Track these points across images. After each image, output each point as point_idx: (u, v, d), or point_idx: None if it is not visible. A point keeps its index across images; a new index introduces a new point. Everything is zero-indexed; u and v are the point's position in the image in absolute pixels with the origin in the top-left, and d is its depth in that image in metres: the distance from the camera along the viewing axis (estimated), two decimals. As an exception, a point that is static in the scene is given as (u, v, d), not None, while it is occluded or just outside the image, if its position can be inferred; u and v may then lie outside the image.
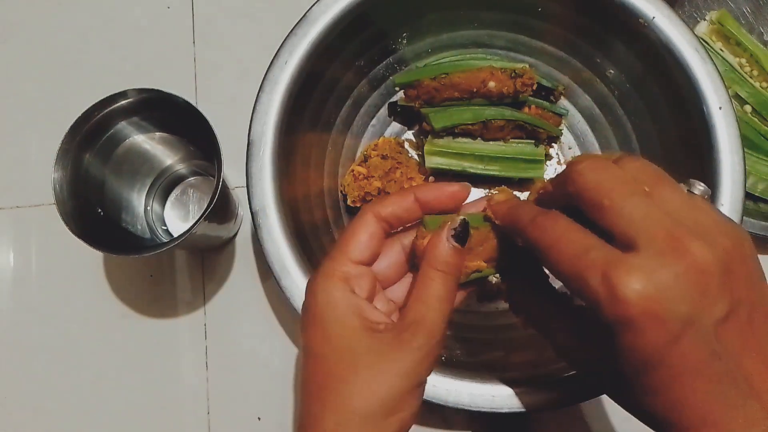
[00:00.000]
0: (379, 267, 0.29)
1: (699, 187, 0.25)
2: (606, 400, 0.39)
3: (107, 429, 0.49)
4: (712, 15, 0.54)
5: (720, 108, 0.41)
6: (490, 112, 0.47)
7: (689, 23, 0.50)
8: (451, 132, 0.48)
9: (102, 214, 0.43)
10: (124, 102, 0.41)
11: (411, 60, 0.51)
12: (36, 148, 0.54)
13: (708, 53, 0.42)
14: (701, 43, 0.42)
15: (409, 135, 0.53)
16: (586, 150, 0.52)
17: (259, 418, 0.49)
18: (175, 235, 0.49)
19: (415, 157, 0.52)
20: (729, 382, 0.21)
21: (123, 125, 0.43)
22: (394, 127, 0.53)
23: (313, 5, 0.43)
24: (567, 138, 0.52)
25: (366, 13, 0.44)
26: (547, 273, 0.29)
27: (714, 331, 0.21)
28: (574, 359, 0.28)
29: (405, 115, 0.52)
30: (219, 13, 0.56)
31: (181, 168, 0.51)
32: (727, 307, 0.21)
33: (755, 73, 0.54)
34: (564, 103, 0.52)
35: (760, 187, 0.51)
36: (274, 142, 0.42)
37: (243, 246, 0.52)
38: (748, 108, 0.53)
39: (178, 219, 0.51)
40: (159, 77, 0.55)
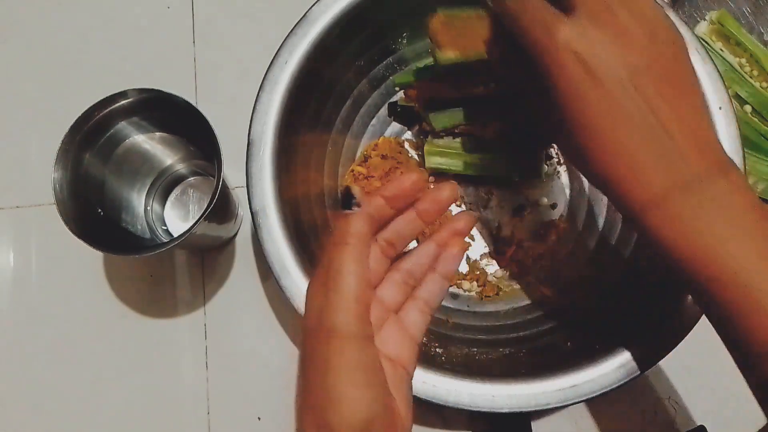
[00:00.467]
0: None
1: None
2: (606, 400, 0.39)
3: (107, 429, 0.49)
4: (712, 15, 0.54)
5: (720, 108, 0.41)
6: (490, 112, 0.47)
7: (689, 23, 0.50)
8: (451, 132, 0.48)
9: (102, 214, 0.43)
10: (124, 102, 0.41)
11: (411, 60, 0.51)
12: (36, 148, 0.54)
13: (708, 53, 0.42)
14: (701, 43, 0.42)
15: (409, 135, 0.53)
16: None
17: (259, 418, 0.49)
18: (175, 235, 0.49)
19: (415, 157, 0.52)
20: (647, 129, 0.26)
21: (123, 125, 0.43)
22: (394, 127, 0.53)
23: (313, 5, 0.43)
24: (567, 138, 0.52)
25: (366, 12, 0.44)
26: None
27: (631, 78, 0.27)
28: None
29: (405, 115, 0.52)
30: (219, 13, 0.56)
31: (181, 168, 0.51)
32: (644, 62, 0.27)
33: (755, 73, 0.54)
34: (564, 103, 0.52)
35: (760, 187, 0.51)
36: (274, 142, 0.42)
37: (243, 246, 0.52)
38: (748, 108, 0.53)
39: (178, 219, 0.51)
40: (159, 77, 0.55)
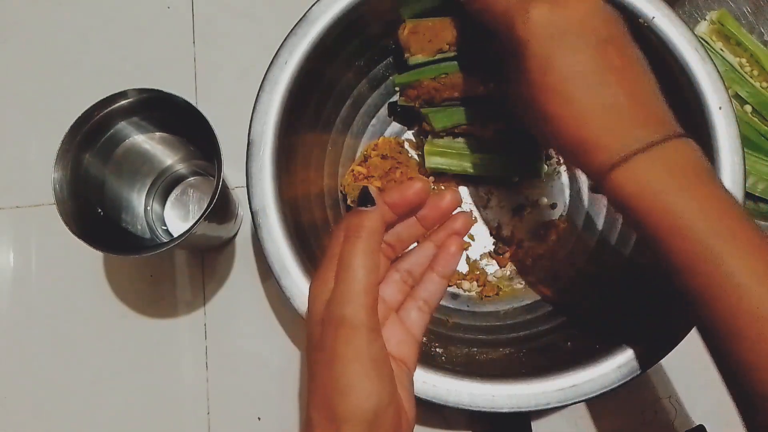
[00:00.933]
0: None
1: None
2: (606, 400, 0.39)
3: (107, 429, 0.49)
4: (713, 15, 0.54)
5: (720, 108, 0.41)
6: (490, 112, 0.47)
7: (689, 23, 0.50)
8: (451, 132, 0.48)
9: (102, 214, 0.43)
10: (124, 102, 0.41)
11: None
12: (36, 148, 0.54)
13: (708, 53, 0.42)
14: (701, 42, 0.42)
15: (409, 135, 0.53)
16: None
17: (259, 418, 0.49)
18: (175, 235, 0.49)
19: (415, 157, 0.52)
20: (611, 97, 0.29)
21: (123, 125, 0.43)
22: (394, 127, 0.53)
23: (313, 5, 0.43)
24: (567, 138, 0.52)
25: (366, 12, 0.44)
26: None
27: (596, 45, 0.29)
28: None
29: (405, 115, 0.52)
30: (219, 13, 0.56)
31: (181, 168, 0.51)
32: (606, 34, 0.30)
33: (755, 72, 0.54)
34: (564, 103, 0.52)
35: (760, 187, 0.51)
36: (274, 142, 0.42)
37: (243, 246, 0.52)
38: (748, 108, 0.53)
39: (178, 219, 0.51)
40: (159, 77, 0.55)
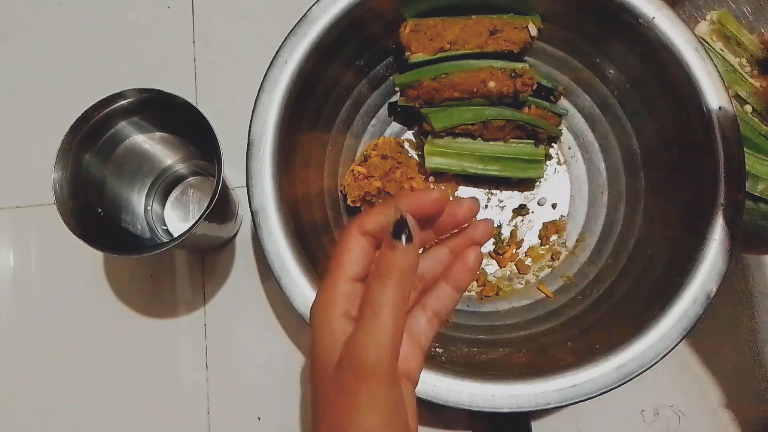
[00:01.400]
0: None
1: None
2: (606, 399, 0.39)
3: (107, 429, 0.49)
4: (713, 15, 0.54)
5: (720, 108, 0.41)
6: (490, 112, 0.47)
7: (689, 23, 0.50)
8: (451, 132, 0.48)
9: (102, 214, 0.43)
10: (124, 102, 0.41)
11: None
12: (36, 148, 0.54)
13: (708, 53, 0.42)
14: (701, 43, 0.42)
15: (409, 135, 0.53)
16: (586, 150, 0.52)
17: (259, 418, 0.49)
18: (175, 235, 0.49)
19: (415, 157, 0.52)
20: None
21: (123, 125, 0.43)
22: (394, 127, 0.53)
23: (313, 5, 0.43)
24: (567, 138, 0.52)
25: (366, 12, 0.44)
26: None
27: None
28: None
29: (405, 115, 0.52)
30: (219, 13, 0.56)
31: (181, 168, 0.51)
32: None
33: (755, 73, 0.54)
34: (564, 103, 0.52)
35: (760, 187, 0.51)
36: (274, 141, 0.42)
37: (243, 246, 0.52)
38: (748, 108, 0.53)
39: (178, 219, 0.51)
40: (159, 77, 0.55)
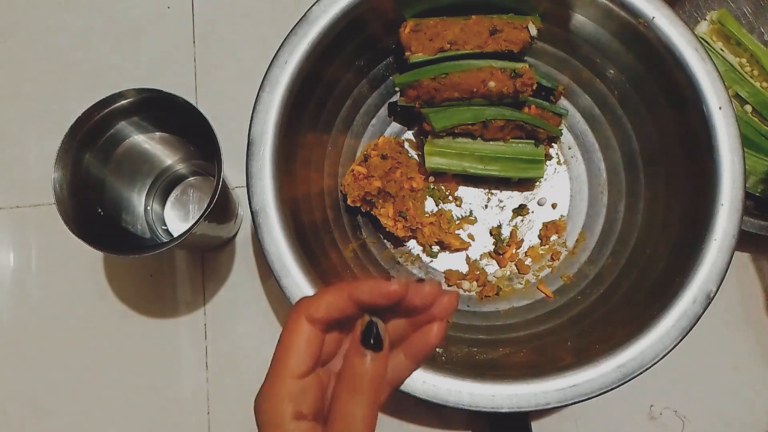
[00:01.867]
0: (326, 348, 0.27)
1: None
2: (606, 399, 0.39)
3: (107, 429, 0.49)
4: (713, 15, 0.54)
5: (720, 108, 0.41)
6: (490, 112, 0.47)
7: (689, 23, 0.50)
8: (451, 132, 0.48)
9: (102, 214, 0.43)
10: (124, 102, 0.41)
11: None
12: (36, 148, 0.54)
13: (708, 53, 0.42)
14: (701, 42, 0.42)
15: (409, 135, 0.53)
16: (586, 149, 0.52)
17: (259, 418, 0.49)
18: (175, 235, 0.49)
19: (415, 157, 0.52)
20: None
21: (123, 125, 0.43)
22: (394, 127, 0.53)
23: (313, 5, 0.43)
24: (567, 138, 0.52)
25: (366, 12, 0.44)
26: None
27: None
28: None
29: (405, 115, 0.52)
30: (219, 13, 0.56)
31: (181, 168, 0.51)
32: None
33: (755, 72, 0.53)
34: (564, 103, 0.52)
35: (760, 187, 0.51)
36: (274, 141, 0.42)
37: (243, 246, 0.52)
38: (748, 108, 0.53)
39: (178, 219, 0.51)
40: (159, 77, 0.55)
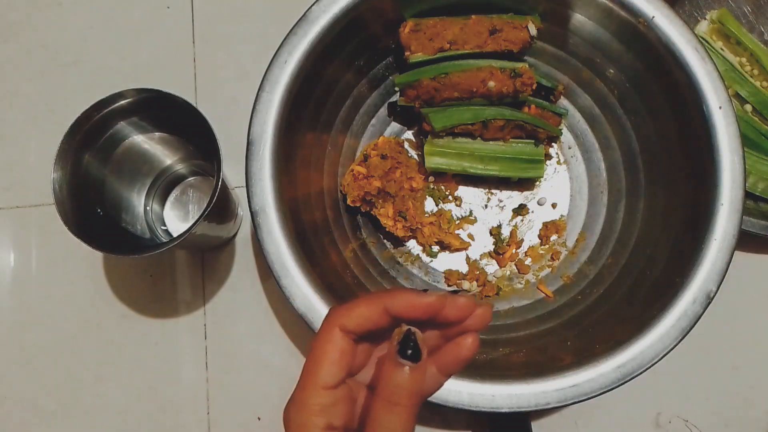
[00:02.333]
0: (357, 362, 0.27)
1: None
2: (605, 399, 0.39)
3: (107, 429, 0.49)
4: (713, 14, 0.54)
5: (720, 107, 0.41)
6: (489, 112, 0.47)
7: (689, 22, 0.50)
8: (450, 132, 0.48)
9: (102, 214, 0.43)
10: (123, 102, 0.41)
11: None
12: (36, 148, 0.54)
13: (708, 52, 0.42)
14: (701, 42, 0.42)
15: (408, 135, 0.53)
16: (586, 149, 0.52)
17: (259, 418, 0.49)
18: (174, 235, 0.49)
19: (415, 156, 0.52)
20: None
21: (123, 125, 0.43)
22: (393, 127, 0.53)
23: (313, 5, 0.43)
24: (567, 137, 0.52)
25: (366, 12, 0.44)
26: None
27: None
28: None
29: (405, 115, 0.52)
30: (219, 13, 0.56)
31: (180, 168, 0.51)
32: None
33: (756, 72, 0.53)
34: (564, 102, 0.52)
35: (760, 187, 0.51)
36: (274, 141, 0.42)
37: (243, 246, 0.52)
38: (748, 107, 0.53)
39: (177, 219, 0.51)
40: (159, 77, 0.55)
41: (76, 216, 0.40)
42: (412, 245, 0.51)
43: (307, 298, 0.40)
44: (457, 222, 0.51)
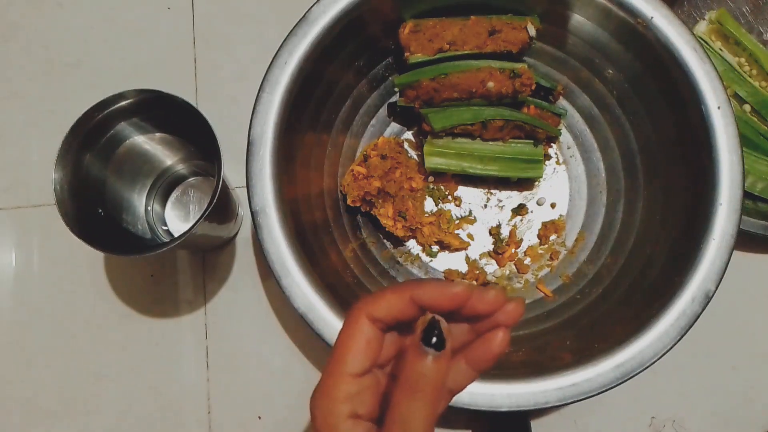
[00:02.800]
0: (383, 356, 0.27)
1: None
2: (604, 398, 0.39)
3: (107, 429, 0.49)
4: (712, 14, 0.54)
5: (718, 107, 0.41)
6: (489, 113, 0.47)
7: (688, 23, 0.51)
8: (450, 132, 0.48)
9: (102, 214, 0.43)
10: (124, 102, 0.41)
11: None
12: (37, 148, 0.54)
13: (706, 53, 0.42)
14: (700, 42, 0.42)
15: (408, 135, 0.53)
16: (585, 149, 0.52)
17: (259, 418, 0.49)
18: (175, 235, 0.50)
19: (415, 157, 0.52)
20: None
21: (123, 126, 0.43)
22: (393, 127, 0.53)
23: (313, 5, 0.43)
24: (566, 138, 0.52)
25: (366, 13, 0.44)
26: None
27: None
28: None
29: (404, 116, 0.52)
30: (219, 13, 0.57)
31: (181, 168, 0.51)
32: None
33: (754, 72, 0.54)
34: (563, 103, 0.52)
35: (759, 186, 0.51)
36: (274, 142, 0.42)
37: (243, 246, 0.52)
38: (747, 107, 0.53)
39: (178, 219, 0.51)
40: (159, 77, 0.55)
41: (78, 216, 0.40)
42: (412, 245, 0.51)
43: (308, 298, 0.40)
44: (456, 222, 0.51)
